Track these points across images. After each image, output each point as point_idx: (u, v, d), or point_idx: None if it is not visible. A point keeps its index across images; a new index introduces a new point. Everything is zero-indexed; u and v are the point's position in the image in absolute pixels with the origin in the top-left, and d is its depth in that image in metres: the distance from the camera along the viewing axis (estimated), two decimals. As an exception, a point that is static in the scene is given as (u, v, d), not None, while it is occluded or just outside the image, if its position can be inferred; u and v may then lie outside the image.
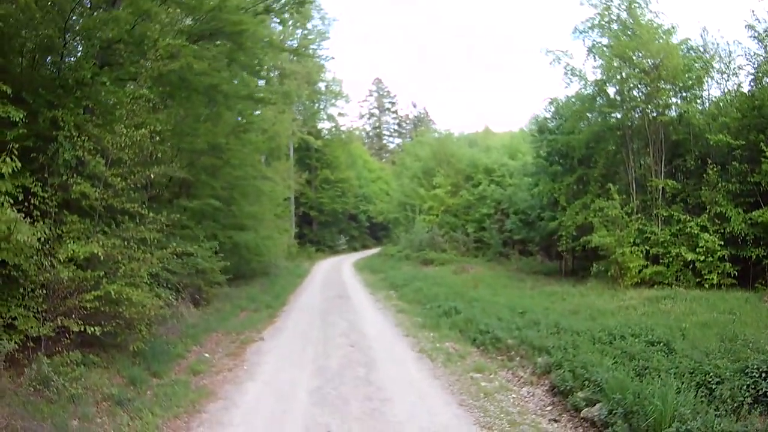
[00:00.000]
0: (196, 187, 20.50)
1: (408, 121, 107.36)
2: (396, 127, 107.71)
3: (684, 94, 24.71)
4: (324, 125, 66.11)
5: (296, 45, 43.96)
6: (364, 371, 12.03)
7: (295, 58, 43.59)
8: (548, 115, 33.36)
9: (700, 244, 21.54)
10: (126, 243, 11.52)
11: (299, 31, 46.32)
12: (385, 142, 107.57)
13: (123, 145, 11.53)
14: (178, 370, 12.02)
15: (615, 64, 25.30)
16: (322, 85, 60.91)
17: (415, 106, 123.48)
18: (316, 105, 62.83)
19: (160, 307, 12.18)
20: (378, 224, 73.39)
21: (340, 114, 69.33)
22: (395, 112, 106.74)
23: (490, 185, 45.31)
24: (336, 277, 37.63)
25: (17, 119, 9.30)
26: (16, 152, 7.87)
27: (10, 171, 7.63)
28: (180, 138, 17.24)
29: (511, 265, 37.62)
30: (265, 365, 12.74)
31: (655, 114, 24.59)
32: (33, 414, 7.86)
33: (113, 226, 11.95)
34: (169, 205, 17.63)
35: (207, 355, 13.60)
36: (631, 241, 22.78)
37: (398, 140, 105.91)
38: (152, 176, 12.78)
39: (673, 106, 24.86)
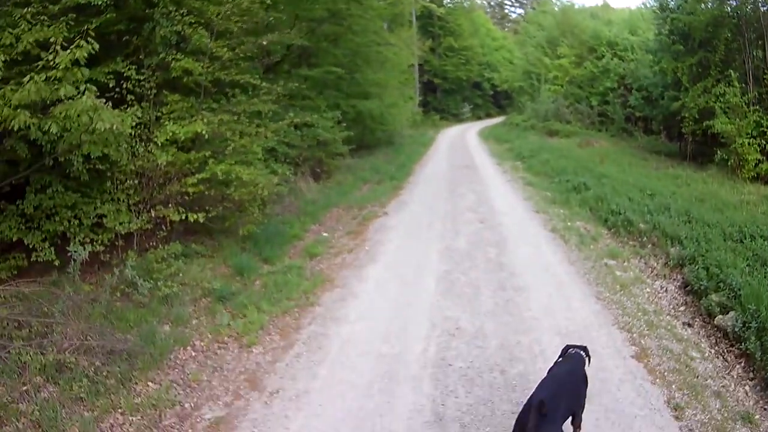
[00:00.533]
0: (317, 55, 19.45)
1: None
2: None
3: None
4: None
5: None
6: (495, 252, 11.31)
7: None
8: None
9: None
10: (237, 118, 10.71)
11: None
12: (506, 11, 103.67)
13: (229, 14, 10.62)
14: (293, 254, 11.46)
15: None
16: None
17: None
18: None
19: (275, 185, 11.54)
20: (501, 93, 71.17)
21: (462, -17, 66.58)
22: None
23: (613, 59, 43.01)
24: (461, 145, 37.03)
25: (101, 2, 8.34)
26: (92, 34, 7.05)
27: (86, 55, 6.84)
28: (297, 5, 16.35)
29: (634, 142, 36.08)
30: (389, 244, 12.12)
31: (765, 8, 22.95)
32: (116, 325, 7.17)
33: (223, 101, 11.13)
34: (288, 75, 16.64)
35: (325, 234, 13.01)
36: (749, 132, 21.58)
37: (520, 10, 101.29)
38: (266, 44, 12.23)
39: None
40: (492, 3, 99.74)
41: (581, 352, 5.43)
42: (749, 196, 17.53)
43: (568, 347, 5.54)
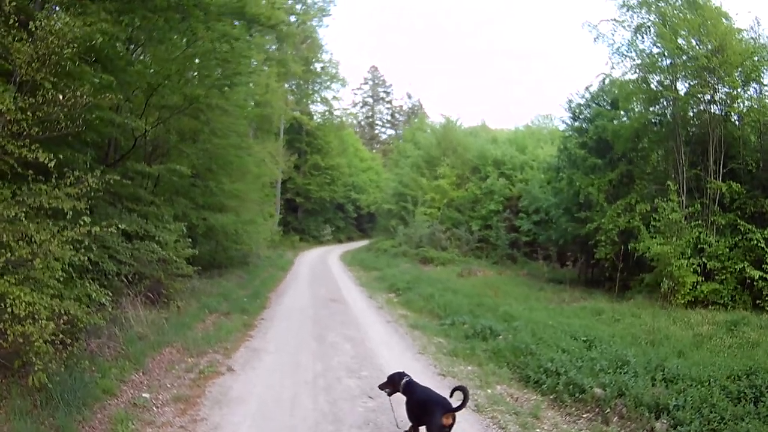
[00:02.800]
0: (171, 155, 16.86)
1: (402, 113, 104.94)
2: (389, 118, 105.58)
3: (735, 91, 21.22)
4: (317, 108, 63.56)
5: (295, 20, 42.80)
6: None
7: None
8: (582, 101, 29.73)
9: (767, 260, 19.04)
10: (21, 215, 7.22)
11: (299, 6, 44.50)
12: (377, 132, 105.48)
13: (36, 56, 7.69)
14: (98, 426, 7.58)
15: (662, 51, 22.25)
16: (318, 66, 58.21)
17: (410, 97, 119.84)
18: (310, 86, 59.98)
19: (85, 315, 8.16)
20: (365, 216, 71.94)
21: (334, 98, 66.17)
22: (389, 102, 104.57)
23: (499, 179, 42.23)
24: (324, 271, 33.54)
25: None
26: None
27: None
28: (143, 76, 14.16)
29: (519, 269, 34.68)
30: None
31: (699, 109, 22.07)
32: None
33: (24, 187, 7.80)
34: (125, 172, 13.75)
35: (146, 395, 8.85)
36: (687, 252, 19.73)
37: (390, 131, 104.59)
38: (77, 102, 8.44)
39: (726, 101, 21.54)
40: (362, 123, 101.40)
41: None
42: (700, 327, 15.31)
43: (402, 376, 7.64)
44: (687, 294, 19.11)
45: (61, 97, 7.84)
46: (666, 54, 22.04)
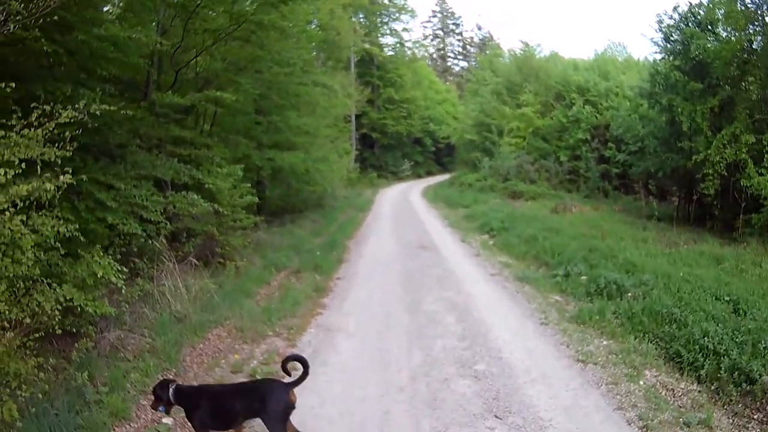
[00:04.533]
0: (225, 90, 13.74)
1: (473, 45, 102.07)
2: (460, 50, 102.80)
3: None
4: (386, 41, 61.63)
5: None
6: None
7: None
8: (672, 22, 25.53)
9: None
10: None
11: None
12: (449, 64, 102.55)
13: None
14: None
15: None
16: (385, -2, 56.05)
17: (480, 28, 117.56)
18: (378, 19, 58.47)
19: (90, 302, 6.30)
20: (443, 149, 69.51)
21: (404, 29, 63.22)
22: (460, 34, 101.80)
23: (585, 106, 38.68)
24: (408, 211, 31.23)
25: None
26: None
27: None
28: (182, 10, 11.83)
29: (612, 203, 31.90)
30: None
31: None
32: None
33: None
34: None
35: (167, 421, 6.18)
36: None
37: (463, 63, 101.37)
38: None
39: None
40: (434, 55, 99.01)
41: None
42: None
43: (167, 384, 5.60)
44: (800, 236, 16.59)
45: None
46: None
